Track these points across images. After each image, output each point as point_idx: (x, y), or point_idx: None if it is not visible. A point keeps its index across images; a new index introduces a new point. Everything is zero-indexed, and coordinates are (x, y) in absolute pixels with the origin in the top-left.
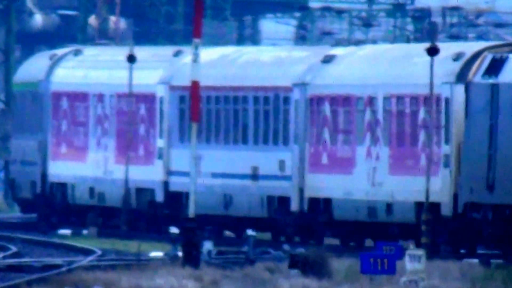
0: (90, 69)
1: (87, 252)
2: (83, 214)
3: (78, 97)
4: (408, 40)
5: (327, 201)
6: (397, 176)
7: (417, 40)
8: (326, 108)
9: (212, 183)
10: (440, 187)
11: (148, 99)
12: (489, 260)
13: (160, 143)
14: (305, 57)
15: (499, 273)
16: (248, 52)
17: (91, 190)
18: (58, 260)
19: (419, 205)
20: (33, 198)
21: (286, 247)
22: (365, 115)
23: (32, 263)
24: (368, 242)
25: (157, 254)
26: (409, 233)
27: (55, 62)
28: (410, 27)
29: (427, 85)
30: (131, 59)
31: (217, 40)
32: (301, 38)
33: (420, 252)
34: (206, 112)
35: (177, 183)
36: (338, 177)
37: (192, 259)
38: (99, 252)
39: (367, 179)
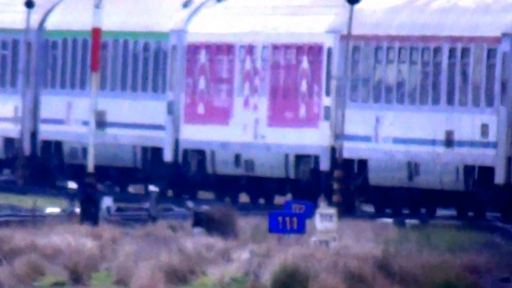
0: (238, 16)
1: None
2: (226, 185)
3: (221, 49)
4: None
5: None
6: None
7: None
8: None
9: (393, 150)
10: None
11: (313, 50)
12: (404, 220)
13: (327, 101)
14: None
15: (414, 234)
16: None
17: (237, 157)
18: None
19: None
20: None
21: (190, 204)
22: None
23: None
24: None
25: (53, 210)
26: None
27: (193, 10)
28: None
29: None
30: None
31: None
32: None
33: (332, 211)
34: (385, 66)
35: (349, 149)
36: None
37: (90, 215)
38: None
39: None
